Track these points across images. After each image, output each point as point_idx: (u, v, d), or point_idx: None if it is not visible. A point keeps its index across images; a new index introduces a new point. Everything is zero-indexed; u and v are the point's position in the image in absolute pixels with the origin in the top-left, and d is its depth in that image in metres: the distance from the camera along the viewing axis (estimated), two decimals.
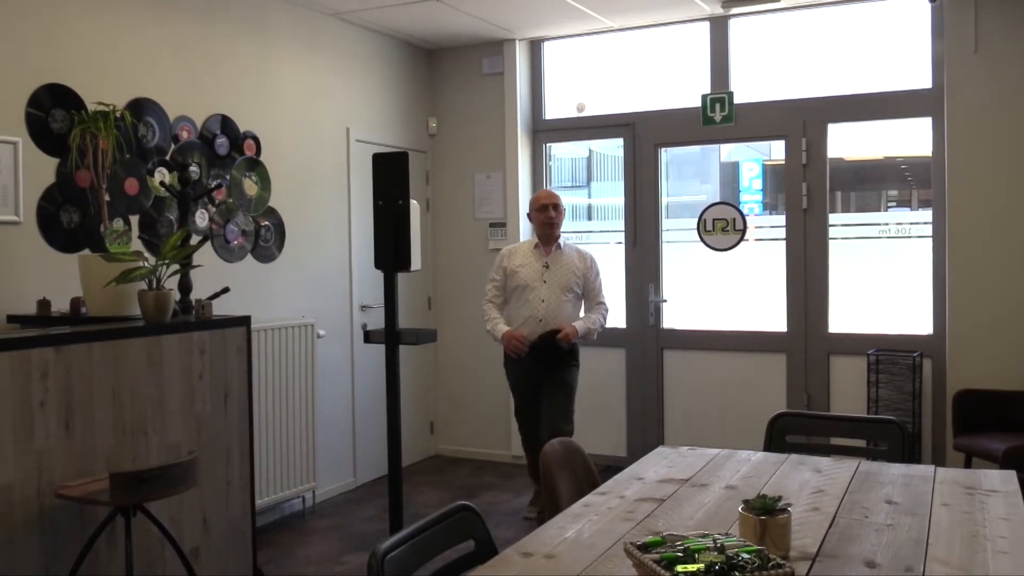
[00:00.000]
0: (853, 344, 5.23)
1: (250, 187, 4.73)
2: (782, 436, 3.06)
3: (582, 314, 4.81)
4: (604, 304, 4.81)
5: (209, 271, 4.26)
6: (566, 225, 5.02)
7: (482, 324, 4.90)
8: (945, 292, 4.94)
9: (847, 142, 5.38)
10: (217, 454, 3.54)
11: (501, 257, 4.87)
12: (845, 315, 5.33)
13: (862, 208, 5.71)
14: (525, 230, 6.07)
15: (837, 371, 5.30)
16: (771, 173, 5.91)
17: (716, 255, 5.52)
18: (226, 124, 4.59)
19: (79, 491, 2.83)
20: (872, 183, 5.73)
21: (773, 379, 5.45)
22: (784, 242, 5.41)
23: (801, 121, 5.34)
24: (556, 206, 4.76)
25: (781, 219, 5.46)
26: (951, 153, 4.86)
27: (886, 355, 5.00)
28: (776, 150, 5.72)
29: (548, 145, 6.21)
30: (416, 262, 3.63)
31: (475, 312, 6.17)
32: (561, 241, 4.82)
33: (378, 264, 3.65)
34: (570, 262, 4.77)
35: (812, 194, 5.32)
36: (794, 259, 5.39)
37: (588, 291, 4.79)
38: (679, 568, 1.61)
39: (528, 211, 4.92)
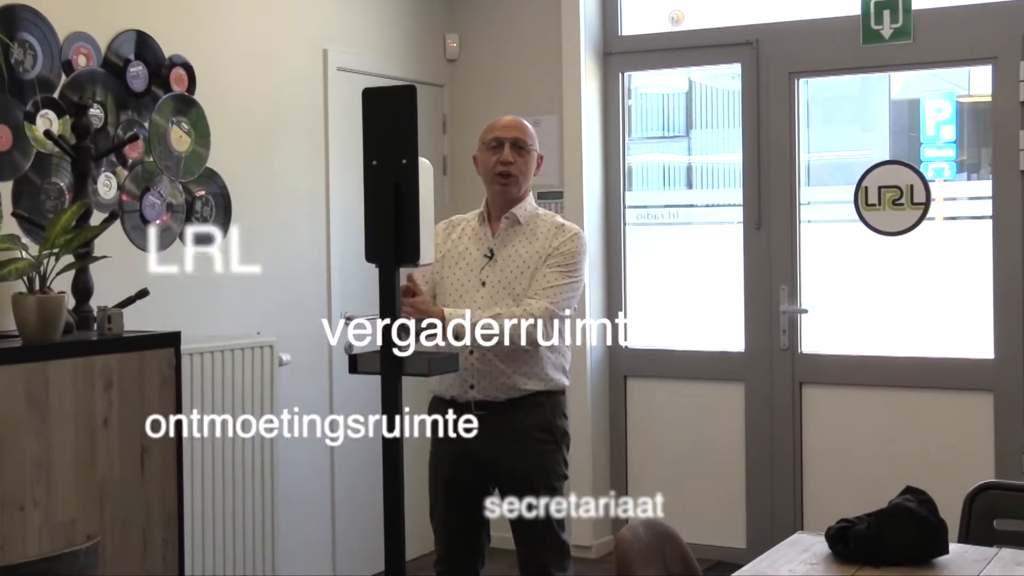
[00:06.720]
0: None
1: (180, 139, 4.77)
2: (988, 519, 3.07)
3: (555, 341, 3.91)
4: (543, 304, 3.79)
5: (119, 265, 4.29)
6: (649, 198, 3.85)
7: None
8: None
9: None
10: (131, 539, 3.56)
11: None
12: None
13: None
14: (593, 202, 6.03)
15: None
16: (970, 116, 5.84)
17: (883, 241, 5.48)
18: (143, 45, 4.62)
19: None
20: None
21: (974, 431, 5.39)
22: (991, 221, 5.37)
23: (1019, 35, 5.27)
24: (518, 143, 3.92)
25: (986, 186, 5.43)
26: None
27: None
28: (978, 80, 5.67)
29: (627, 75, 6.21)
30: (427, 252, 3.62)
31: None
32: (524, 207, 3.96)
33: (370, 256, 3.65)
34: (532, 243, 3.91)
35: None
36: (1007, 248, 5.33)
37: (536, 275, 3.89)
38: None
39: (475, 151, 4.08)
